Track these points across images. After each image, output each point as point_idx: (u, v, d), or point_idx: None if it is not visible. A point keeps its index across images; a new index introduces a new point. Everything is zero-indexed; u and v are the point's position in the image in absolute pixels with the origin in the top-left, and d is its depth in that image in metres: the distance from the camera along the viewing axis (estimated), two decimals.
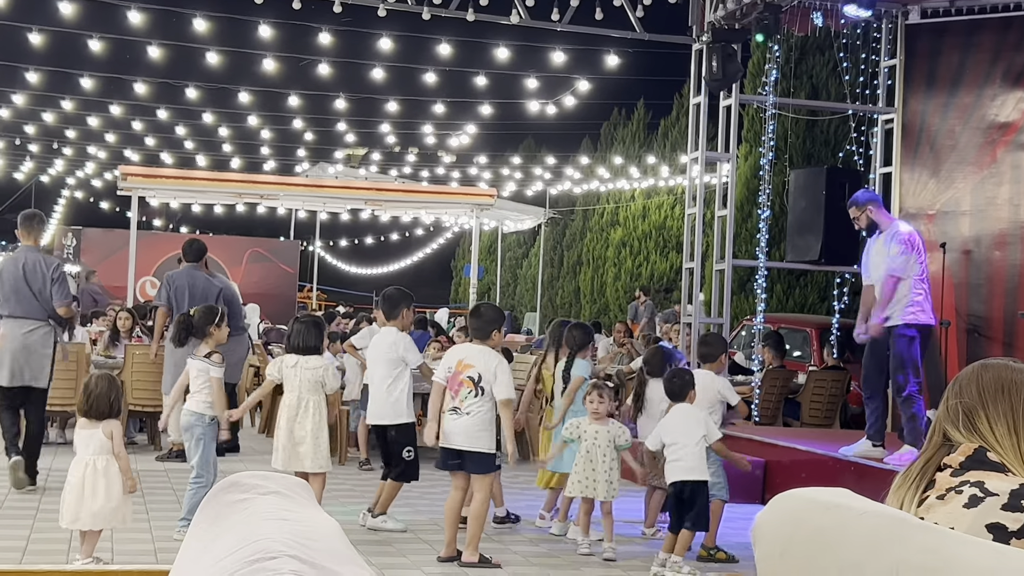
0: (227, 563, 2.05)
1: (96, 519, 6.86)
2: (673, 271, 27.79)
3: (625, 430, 8.66)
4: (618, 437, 8.51)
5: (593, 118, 32.95)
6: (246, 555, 2.04)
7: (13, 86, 25.98)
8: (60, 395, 11.78)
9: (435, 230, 42.07)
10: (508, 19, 14.78)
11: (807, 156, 21.54)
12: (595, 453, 8.40)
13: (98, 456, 6.89)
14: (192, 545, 2.42)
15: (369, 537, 8.54)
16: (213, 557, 2.14)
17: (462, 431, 7.97)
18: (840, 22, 13.80)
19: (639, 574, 7.93)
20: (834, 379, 14.10)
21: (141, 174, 20.68)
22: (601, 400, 8.55)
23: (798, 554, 2.33)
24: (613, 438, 8.47)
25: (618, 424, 8.70)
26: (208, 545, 2.27)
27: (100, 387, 7.04)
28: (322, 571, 1.99)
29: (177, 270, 12.51)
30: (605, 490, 8.39)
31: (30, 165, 37.37)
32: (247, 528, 2.21)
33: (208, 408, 8.28)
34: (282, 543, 2.08)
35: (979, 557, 2.07)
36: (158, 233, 36.17)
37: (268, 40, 18.73)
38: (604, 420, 8.56)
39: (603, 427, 8.48)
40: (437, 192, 25.32)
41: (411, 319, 9.44)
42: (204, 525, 2.42)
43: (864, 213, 9.93)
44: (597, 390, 8.65)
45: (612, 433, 8.49)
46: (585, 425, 8.51)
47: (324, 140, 31.97)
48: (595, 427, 8.47)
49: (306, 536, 2.17)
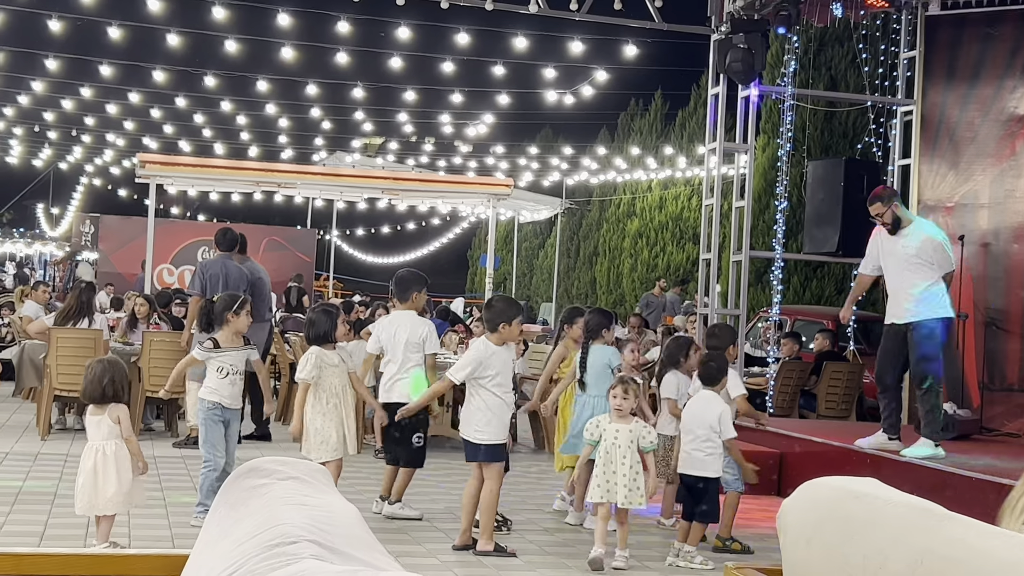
0: (247, 547, 2.04)
1: (109, 504, 6.87)
2: (689, 262, 27.75)
3: (651, 430, 7.92)
4: (642, 438, 7.77)
5: (610, 108, 32.91)
6: (266, 540, 2.04)
7: (33, 73, 26.04)
8: (77, 381, 11.81)
9: (451, 220, 42.09)
10: (526, 8, 14.74)
11: (825, 147, 21.49)
12: (614, 454, 7.71)
13: (107, 441, 6.90)
14: (212, 530, 2.42)
15: (384, 525, 8.54)
16: (233, 541, 2.13)
17: (469, 421, 8.06)
18: (859, 13, 13.74)
19: (655, 564, 7.91)
20: (850, 371, 14.09)
21: (159, 162, 20.70)
22: (625, 397, 7.82)
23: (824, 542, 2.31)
24: (636, 438, 7.75)
25: (643, 423, 7.96)
26: (228, 529, 2.26)
27: (94, 372, 7.03)
28: (341, 556, 1.98)
29: (211, 259, 12.57)
30: (624, 495, 7.66)
31: (48, 152, 37.49)
32: (267, 513, 2.20)
33: (209, 393, 8.30)
34: (302, 528, 2.07)
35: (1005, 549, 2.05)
36: (176, 221, 36.23)
37: (286, 28, 18.73)
38: (627, 418, 7.85)
39: (625, 426, 7.77)
40: (454, 182, 25.28)
41: (423, 301, 9.42)
42: (224, 510, 2.41)
43: (890, 209, 9.85)
44: (622, 385, 7.92)
45: (635, 433, 7.76)
46: (605, 423, 7.86)
47: (341, 129, 32.01)
48: (616, 426, 7.78)
49: (325, 521, 2.16)
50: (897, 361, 9.89)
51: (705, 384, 8.22)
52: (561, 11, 14.89)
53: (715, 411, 8.09)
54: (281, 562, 1.91)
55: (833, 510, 2.36)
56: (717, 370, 8.20)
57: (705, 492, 8.02)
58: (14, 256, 53.24)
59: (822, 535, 2.34)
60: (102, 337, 12.34)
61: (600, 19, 15.14)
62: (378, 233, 49.89)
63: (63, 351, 12.00)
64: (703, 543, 8.23)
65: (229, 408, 8.36)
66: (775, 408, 13.46)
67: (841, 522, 2.30)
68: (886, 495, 2.30)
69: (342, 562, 1.92)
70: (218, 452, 8.22)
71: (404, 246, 51.34)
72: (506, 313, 8.18)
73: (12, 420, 13.14)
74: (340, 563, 1.90)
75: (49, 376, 12.04)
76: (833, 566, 2.27)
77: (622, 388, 7.88)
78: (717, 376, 8.17)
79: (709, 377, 8.19)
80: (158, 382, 12.40)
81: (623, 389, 7.86)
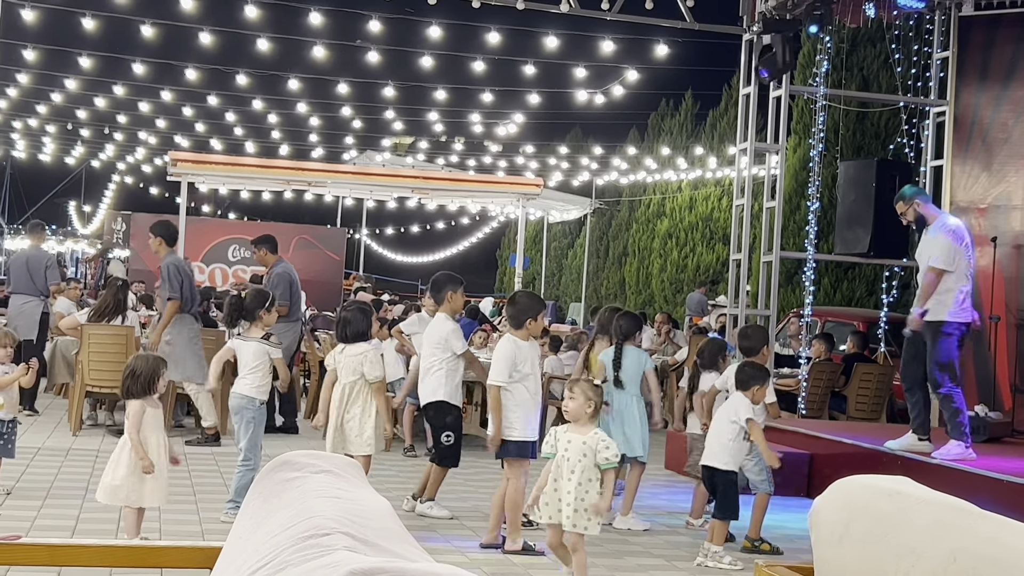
0: (281, 539, 2.06)
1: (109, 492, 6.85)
2: (719, 263, 27.67)
3: (610, 444, 6.74)
4: (598, 452, 6.65)
5: (641, 108, 32.81)
6: (299, 531, 2.05)
7: (66, 71, 26.20)
8: (109, 378, 11.91)
9: (481, 219, 42.11)
10: (558, 8, 14.74)
11: (857, 148, 21.36)
12: (563, 468, 6.70)
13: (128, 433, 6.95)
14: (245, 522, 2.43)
15: (413, 522, 8.56)
16: (267, 533, 2.15)
17: None
18: (892, 13, 13.67)
19: (683, 564, 7.90)
20: (881, 372, 14.03)
21: (191, 160, 20.80)
22: (572, 397, 6.81)
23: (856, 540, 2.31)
24: (591, 452, 6.66)
25: (603, 436, 6.81)
26: (261, 521, 2.28)
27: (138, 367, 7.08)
28: (374, 548, 1.99)
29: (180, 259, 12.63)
30: (569, 516, 6.62)
31: (81, 150, 37.68)
32: (300, 505, 2.22)
33: (259, 392, 8.33)
34: (335, 520, 2.08)
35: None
36: (207, 219, 36.40)
37: (318, 27, 18.79)
38: (583, 428, 6.78)
39: (578, 437, 6.72)
40: (484, 181, 25.29)
41: (460, 303, 9.42)
42: (257, 502, 2.44)
43: (911, 207, 9.83)
44: (571, 385, 6.98)
45: (590, 445, 6.67)
46: (561, 433, 6.84)
47: (372, 128, 32.04)
48: (569, 436, 6.76)
49: (358, 514, 2.18)
50: (923, 361, 9.83)
51: (737, 387, 8.22)
52: (592, 10, 14.89)
53: (733, 411, 8.10)
54: (314, 553, 1.92)
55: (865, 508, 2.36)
56: (750, 376, 8.20)
57: (718, 486, 8.05)
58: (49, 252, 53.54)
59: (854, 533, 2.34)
60: (134, 334, 12.41)
61: (631, 19, 15.12)
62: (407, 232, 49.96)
63: (95, 347, 12.08)
64: (731, 544, 8.23)
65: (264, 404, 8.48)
66: (806, 409, 13.41)
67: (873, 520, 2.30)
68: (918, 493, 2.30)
69: (374, 554, 1.93)
70: (259, 453, 8.25)
71: (433, 245, 51.40)
72: (531, 308, 8.19)
73: (44, 415, 13.24)
74: (372, 555, 1.92)
75: (81, 372, 12.13)
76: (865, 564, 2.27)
77: (568, 388, 6.99)
78: (749, 382, 8.16)
79: (742, 381, 8.18)
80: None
81: (569, 388, 6.97)
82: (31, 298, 13.57)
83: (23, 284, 13.57)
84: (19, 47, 22.42)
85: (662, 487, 10.92)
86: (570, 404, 6.78)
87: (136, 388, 6.96)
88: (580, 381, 6.97)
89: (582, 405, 6.74)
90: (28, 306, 13.49)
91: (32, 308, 13.49)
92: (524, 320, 8.11)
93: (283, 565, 1.93)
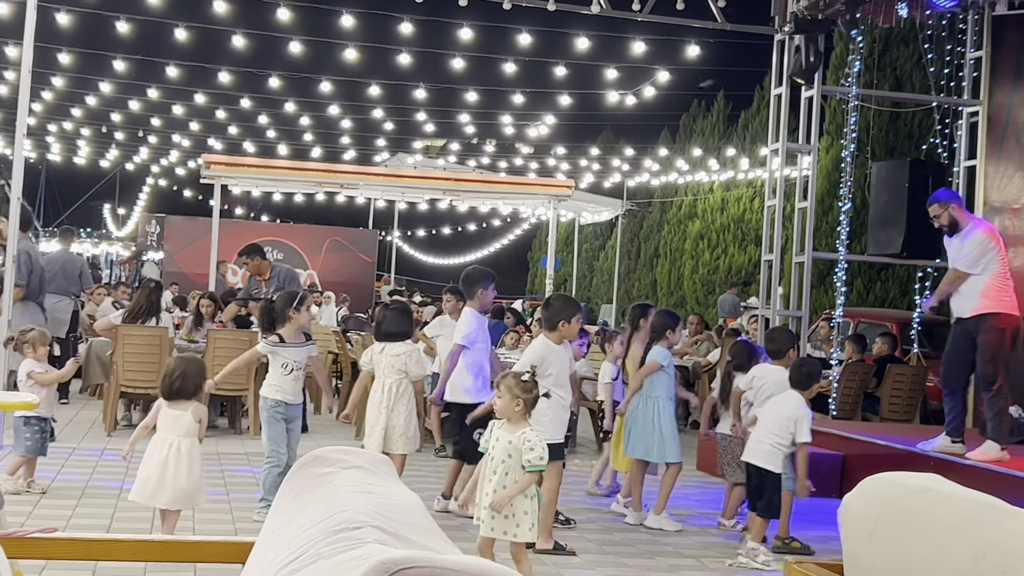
0: (313, 533, 2.08)
1: (175, 500, 6.94)
2: (751, 264, 27.60)
3: (537, 445, 6.28)
4: (523, 452, 6.26)
5: (672, 109, 32.76)
6: (331, 525, 2.07)
7: (100, 74, 26.39)
8: (143, 378, 12.01)
9: (512, 221, 42.11)
10: (589, 9, 14.73)
11: (890, 149, 21.28)
12: (487, 469, 6.37)
13: (183, 439, 6.97)
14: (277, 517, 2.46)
15: (443, 522, 8.57)
16: (299, 527, 2.17)
17: None
18: (925, 13, 13.59)
19: (714, 564, 7.89)
20: (914, 374, 13.97)
21: (224, 162, 20.86)
22: (500, 395, 6.46)
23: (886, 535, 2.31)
24: (516, 452, 6.28)
25: (532, 435, 6.33)
26: (294, 516, 2.30)
27: (169, 367, 7.15)
28: (404, 541, 2.01)
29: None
30: (487, 522, 6.33)
31: (115, 153, 37.93)
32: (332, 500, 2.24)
33: (271, 391, 8.39)
34: (366, 514, 2.10)
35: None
36: (239, 222, 36.58)
37: (350, 29, 18.85)
38: (514, 425, 6.40)
39: (505, 435, 6.36)
40: (515, 183, 25.28)
41: (490, 299, 9.43)
42: (289, 497, 2.46)
43: (947, 211, 9.77)
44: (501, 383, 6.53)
45: (515, 445, 6.28)
46: (495, 430, 6.50)
47: (403, 130, 32.12)
48: (498, 433, 6.42)
49: (389, 509, 2.20)
50: (964, 362, 9.76)
51: (794, 386, 8.20)
52: (623, 11, 14.87)
53: (794, 412, 8.09)
54: (346, 546, 1.94)
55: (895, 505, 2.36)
56: (808, 375, 8.20)
57: (765, 486, 8.04)
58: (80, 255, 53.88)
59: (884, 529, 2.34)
60: (167, 335, 12.50)
61: (663, 19, 15.09)
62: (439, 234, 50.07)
63: (129, 349, 12.17)
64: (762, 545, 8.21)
65: (292, 404, 8.46)
66: (838, 410, 13.37)
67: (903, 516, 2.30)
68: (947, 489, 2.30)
69: (405, 547, 1.95)
70: (280, 449, 8.30)
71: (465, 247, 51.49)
72: (565, 311, 8.20)
73: (79, 416, 13.34)
74: (403, 548, 1.93)
75: (115, 373, 12.22)
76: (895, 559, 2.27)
77: (496, 386, 6.60)
78: (807, 381, 8.16)
79: (799, 381, 8.17)
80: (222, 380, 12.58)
81: (497, 386, 6.58)
82: (63, 298, 14.19)
83: (57, 284, 14.09)
84: (54, 50, 22.60)
85: (694, 488, 10.91)
86: (498, 402, 6.46)
87: (190, 389, 7.05)
88: (506, 377, 6.54)
89: (509, 403, 6.38)
90: (60, 305, 14.04)
91: (64, 307, 14.10)
92: (557, 322, 8.12)
93: (315, 558, 1.95)
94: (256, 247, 13.16)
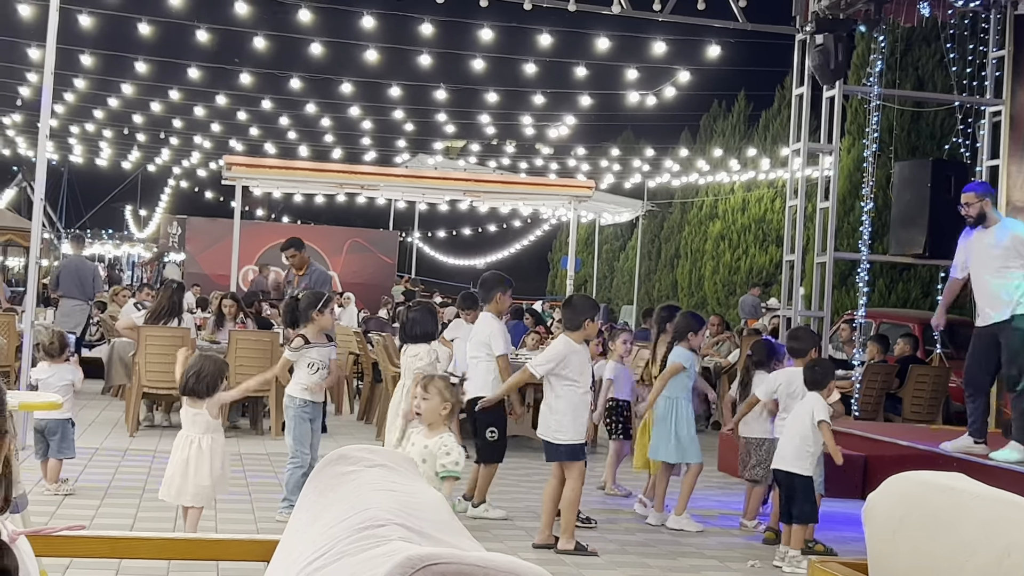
0: (337, 530, 2.09)
1: (198, 496, 6.99)
2: (772, 265, 27.54)
3: (453, 450, 5.91)
4: (438, 458, 5.87)
5: (693, 110, 32.67)
6: (355, 523, 2.08)
7: (122, 76, 26.49)
8: (165, 379, 12.04)
9: (532, 222, 42.11)
10: (609, 9, 14.72)
11: (912, 148, 21.19)
12: None
13: (204, 436, 7.02)
14: (301, 515, 2.47)
15: (466, 523, 8.58)
16: (323, 525, 2.18)
17: (547, 422, 8.07)
18: (947, 12, 13.54)
19: (736, 565, 7.88)
20: (936, 375, 13.92)
21: (245, 164, 20.90)
22: (426, 397, 6.09)
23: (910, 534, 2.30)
24: (431, 457, 5.90)
25: (451, 440, 5.96)
26: (318, 514, 2.32)
27: (189, 365, 7.19)
28: (428, 539, 2.02)
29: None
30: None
31: (137, 155, 38.05)
32: (356, 498, 2.25)
33: (300, 391, 8.41)
34: (390, 512, 2.11)
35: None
36: (260, 223, 36.68)
37: (370, 30, 18.88)
38: (433, 430, 6.04)
39: (422, 439, 6.02)
40: (535, 184, 25.29)
41: (507, 303, 9.44)
42: (313, 496, 2.47)
43: (981, 203, 9.66)
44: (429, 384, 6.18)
45: (431, 450, 5.91)
46: (412, 434, 6.24)
47: (424, 131, 32.13)
48: (414, 437, 6.14)
49: (412, 506, 2.21)
50: (988, 363, 9.71)
51: (810, 388, 8.16)
52: (644, 11, 14.85)
53: (808, 415, 8.06)
54: (370, 543, 1.95)
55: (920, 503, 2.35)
56: (822, 374, 8.16)
57: (797, 491, 7.96)
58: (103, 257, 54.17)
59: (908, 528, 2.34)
60: (189, 336, 12.54)
61: (683, 19, 15.08)
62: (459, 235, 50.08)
63: (151, 349, 12.22)
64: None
65: (317, 403, 8.52)
66: (860, 411, 13.33)
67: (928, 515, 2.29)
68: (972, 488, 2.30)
69: (430, 545, 1.96)
70: (304, 449, 8.33)
71: (485, 248, 51.51)
72: (588, 311, 8.22)
73: (101, 417, 13.40)
74: (428, 545, 1.94)
75: (138, 374, 12.27)
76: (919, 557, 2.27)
77: (423, 387, 6.19)
78: (823, 380, 8.12)
79: (814, 381, 8.13)
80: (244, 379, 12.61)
81: (423, 387, 6.17)
82: (79, 302, 15.51)
83: (73, 289, 15.39)
84: (76, 52, 22.69)
85: (715, 488, 10.90)
86: (424, 404, 6.06)
87: (200, 388, 7.07)
88: (435, 379, 6.25)
89: (437, 406, 6.05)
90: (76, 308, 15.42)
91: (80, 311, 15.46)
92: (581, 321, 8.13)
93: (340, 555, 1.96)
94: (297, 240, 13.16)
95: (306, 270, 12.95)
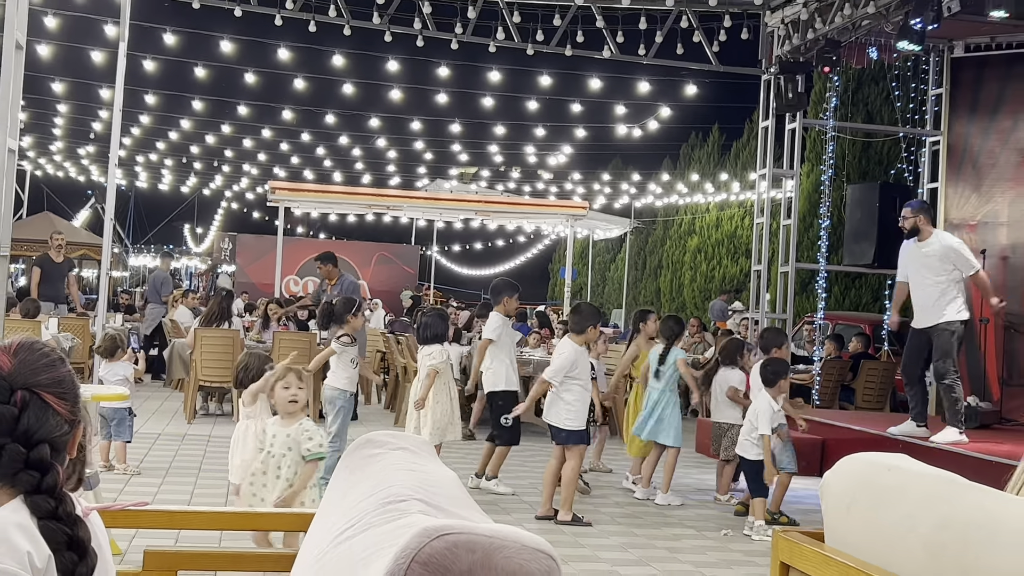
0: (364, 505, 2.09)
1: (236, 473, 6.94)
2: (742, 274, 27.49)
3: (315, 434, 5.45)
4: (301, 443, 5.40)
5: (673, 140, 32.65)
6: (380, 498, 2.08)
7: (181, 112, 26.53)
8: (218, 374, 12.06)
9: (535, 237, 42.09)
10: (601, 54, 14.75)
11: (862, 173, 21.17)
12: (268, 465, 5.43)
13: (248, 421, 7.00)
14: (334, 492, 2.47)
15: (477, 497, 8.57)
16: (353, 500, 2.18)
17: (558, 412, 8.05)
18: (893, 56, 13.53)
19: (711, 533, 7.87)
20: (885, 369, 13.89)
21: (287, 188, 20.95)
22: (301, 387, 5.56)
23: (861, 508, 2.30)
24: (295, 444, 5.41)
25: (310, 424, 5.50)
26: (348, 491, 2.31)
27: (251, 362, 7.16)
28: (443, 512, 2.02)
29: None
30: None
31: (194, 180, 38.10)
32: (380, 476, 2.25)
33: (349, 384, 8.39)
34: (410, 489, 2.11)
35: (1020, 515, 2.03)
36: (300, 239, 36.68)
37: (395, 73, 18.90)
38: (291, 418, 5.51)
39: (282, 429, 5.47)
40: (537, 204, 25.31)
41: (514, 306, 9.43)
42: (344, 474, 2.47)
43: (915, 217, 9.64)
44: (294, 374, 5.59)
45: (294, 437, 5.42)
46: (268, 426, 5.63)
47: (441, 159, 32.13)
48: (273, 429, 5.53)
49: (430, 484, 2.20)
50: (921, 358, 9.69)
51: (764, 384, 8.14)
52: (631, 56, 14.89)
53: (758, 407, 8.07)
54: (393, 516, 1.95)
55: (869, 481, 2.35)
56: (773, 373, 8.13)
57: (748, 472, 8.17)
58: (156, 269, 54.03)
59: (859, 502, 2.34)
60: (239, 336, 12.55)
61: (664, 62, 15.10)
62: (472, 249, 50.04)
63: (206, 348, 12.23)
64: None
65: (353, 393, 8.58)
66: (819, 400, 13.30)
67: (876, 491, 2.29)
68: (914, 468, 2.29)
69: (444, 516, 1.96)
70: (344, 437, 8.26)
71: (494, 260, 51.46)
72: (594, 317, 8.26)
73: (163, 407, 13.41)
74: (443, 518, 1.94)
75: (194, 369, 12.28)
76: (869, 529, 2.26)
77: (296, 376, 5.58)
78: (773, 379, 8.09)
79: (766, 380, 8.11)
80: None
81: (297, 376, 5.59)
82: (157, 306, 16.64)
83: (152, 295, 16.86)
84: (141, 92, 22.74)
85: (692, 467, 10.88)
86: (300, 395, 5.52)
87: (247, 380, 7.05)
88: (291, 372, 5.60)
89: (297, 394, 5.53)
90: (154, 311, 16.53)
91: (156, 313, 16.48)
92: (587, 327, 8.13)
93: (367, 526, 1.96)
94: (331, 255, 13.12)
95: (337, 280, 12.94)
